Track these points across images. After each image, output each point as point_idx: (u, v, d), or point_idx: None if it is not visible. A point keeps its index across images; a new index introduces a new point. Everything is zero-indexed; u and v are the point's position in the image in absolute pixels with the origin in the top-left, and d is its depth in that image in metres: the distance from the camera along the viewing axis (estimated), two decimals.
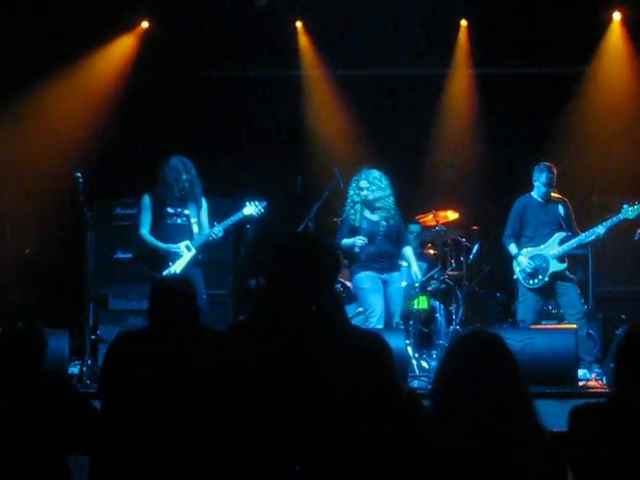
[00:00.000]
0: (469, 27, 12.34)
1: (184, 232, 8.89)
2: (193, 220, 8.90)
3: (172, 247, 8.79)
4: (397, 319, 9.22)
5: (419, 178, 12.24)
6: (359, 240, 9.01)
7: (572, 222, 9.37)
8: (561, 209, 9.29)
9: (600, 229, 9.06)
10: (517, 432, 3.36)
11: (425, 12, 11.39)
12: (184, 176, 8.81)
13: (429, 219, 11.17)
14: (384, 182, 9.25)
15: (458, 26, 12.36)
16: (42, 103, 11.51)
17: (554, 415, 4.20)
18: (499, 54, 12.52)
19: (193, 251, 8.83)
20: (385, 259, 9.17)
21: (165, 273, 8.66)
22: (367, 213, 9.25)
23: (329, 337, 3.39)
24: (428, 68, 12.61)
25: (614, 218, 9.06)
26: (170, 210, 8.87)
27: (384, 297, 9.11)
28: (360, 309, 9.48)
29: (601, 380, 8.41)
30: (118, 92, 11.87)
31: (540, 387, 7.17)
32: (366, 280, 9.06)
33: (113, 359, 4.65)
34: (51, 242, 11.19)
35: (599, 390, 7.93)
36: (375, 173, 9.28)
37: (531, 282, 9.23)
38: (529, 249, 9.30)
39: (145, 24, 12.13)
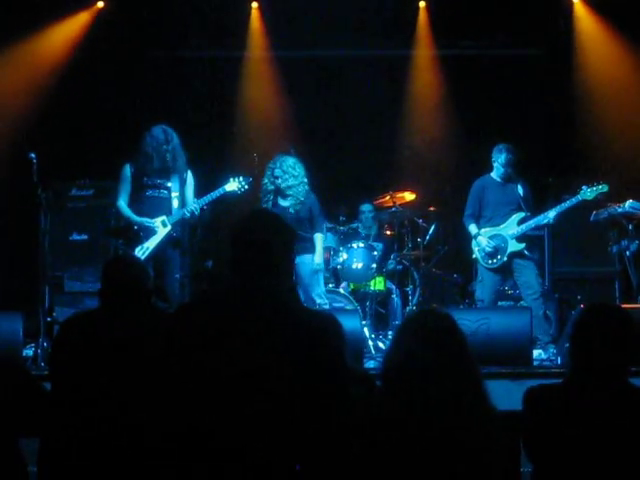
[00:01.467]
0: (428, 8, 12.33)
1: (163, 206, 8.55)
2: (174, 194, 8.54)
3: (146, 221, 8.46)
4: (317, 300, 9.24)
5: (376, 159, 12.23)
6: None
7: (531, 202, 9.37)
8: (520, 189, 9.27)
9: (558, 209, 9.10)
10: (466, 412, 3.35)
11: None
12: (165, 146, 8.46)
13: (386, 200, 11.22)
14: (297, 170, 9.30)
15: (417, 7, 12.34)
16: None
17: (509, 395, 4.25)
18: (458, 35, 12.54)
19: (169, 227, 8.47)
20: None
21: (138, 249, 8.45)
22: (279, 200, 9.33)
23: (275, 316, 3.38)
24: (385, 50, 12.61)
25: (572, 199, 9.10)
26: (150, 182, 8.52)
27: (296, 278, 9.12)
28: None
29: (556, 360, 8.46)
30: (71, 70, 11.71)
31: (495, 367, 7.19)
32: None
33: (62, 340, 4.62)
34: (4, 224, 11.04)
35: (554, 370, 7.95)
36: (289, 161, 9.33)
37: (490, 262, 9.25)
38: (488, 229, 9.30)
39: (100, 4, 11.98)
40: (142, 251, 8.44)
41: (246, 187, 8.81)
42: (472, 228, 9.39)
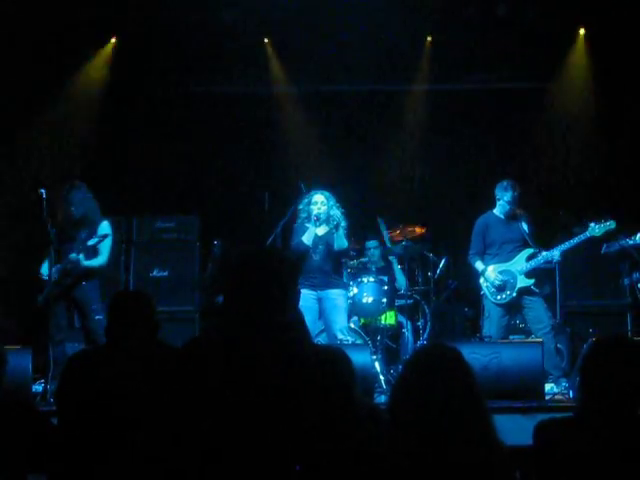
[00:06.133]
0: (432, 43, 12.36)
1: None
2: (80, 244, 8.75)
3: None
4: (339, 335, 9.12)
5: (385, 193, 12.25)
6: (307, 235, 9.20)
7: (534, 238, 9.35)
8: (524, 225, 9.28)
9: (565, 246, 9.07)
10: (473, 446, 3.31)
11: (390, 29, 11.42)
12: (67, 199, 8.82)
13: (396, 234, 11.19)
14: (331, 202, 9.37)
15: (423, 42, 12.37)
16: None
17: (521, 430, 4.20)
18: (462, 70, 12.58)
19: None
20: (320, 275, 9.21)
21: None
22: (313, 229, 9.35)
23: (279, 353, 3.35)
24: (392, 85, 12.66)
25: (581, 235, 9.03)
26: (64, 235, 8.78)
27: (319, 314, 9.23)
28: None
29: (568, 394, 8.41)
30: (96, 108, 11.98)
31: (507, 401, 7.18)
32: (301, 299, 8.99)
33: (67, 376, 4.64)
34: (19, 261, 11.04)
35: (566, 404, 7.90)
36: (324, 194, 9.41)
37: (498, 297, 9.21)
38: (495, 265, 9.27)
39: (113, 40, 12.11)
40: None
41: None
42: (478, 265, 9.36)
